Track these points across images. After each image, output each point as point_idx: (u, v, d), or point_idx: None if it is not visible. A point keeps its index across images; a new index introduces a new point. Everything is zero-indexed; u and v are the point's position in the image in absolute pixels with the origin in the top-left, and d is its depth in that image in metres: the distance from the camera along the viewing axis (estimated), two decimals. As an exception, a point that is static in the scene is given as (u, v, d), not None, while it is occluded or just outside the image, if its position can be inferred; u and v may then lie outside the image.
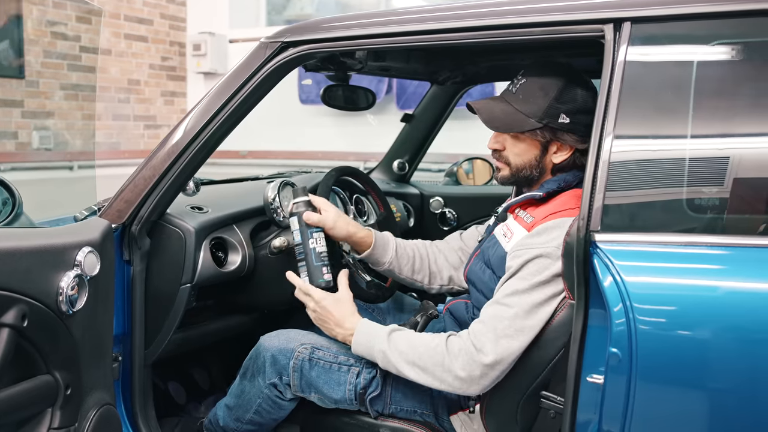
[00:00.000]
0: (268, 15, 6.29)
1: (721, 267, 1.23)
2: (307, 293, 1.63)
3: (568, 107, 1.52)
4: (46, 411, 1.27)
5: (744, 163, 1.24)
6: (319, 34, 1.56)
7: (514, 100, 1.56)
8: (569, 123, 1.52)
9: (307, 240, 1.66)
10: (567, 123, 1.52)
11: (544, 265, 1.43)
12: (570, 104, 1.52)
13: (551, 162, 1.59)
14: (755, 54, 1.28)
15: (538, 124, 1.53)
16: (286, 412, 1.70)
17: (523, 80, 1.57)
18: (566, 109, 1.52)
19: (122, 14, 5.62)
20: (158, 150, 1.62)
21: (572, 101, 1.52)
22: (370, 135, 5.17)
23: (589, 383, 1.25)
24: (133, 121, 5.79)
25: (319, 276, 1.64)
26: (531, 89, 1.55)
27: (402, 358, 1.49)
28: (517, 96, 1.56)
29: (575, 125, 1.52)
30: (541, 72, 1.57)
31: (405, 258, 1.83)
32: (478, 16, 1.43)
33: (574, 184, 1.57)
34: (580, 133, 1.53)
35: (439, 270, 1.88)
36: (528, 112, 1.53)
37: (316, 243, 1.66)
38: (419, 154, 2.76)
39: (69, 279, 1.27)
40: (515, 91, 1.57)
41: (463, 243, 1.91)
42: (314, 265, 1.65)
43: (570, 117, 1.52)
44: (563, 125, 1.52)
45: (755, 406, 1.15)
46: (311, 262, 1.65)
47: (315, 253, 1.65)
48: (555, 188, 1.56)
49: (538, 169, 1.60)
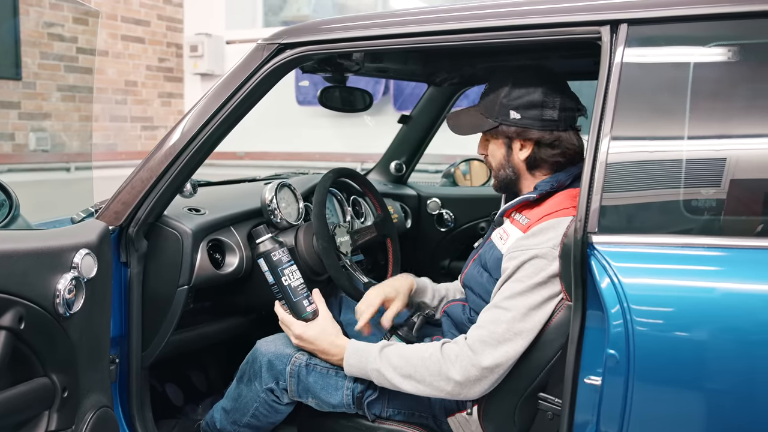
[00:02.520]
0: (265, 16, 6.29)
1: (718, 268, 1.23)
2: (288, 327, 1.63)
3: (516, 103, 1.57)
4: (43, 414, 1.27)
5: (741, 164, 1.24)
6: (316, 36, 1.56)
7: (478, 106, 1.66)
8: (521, 119, 1.57)
9: (280, 278, 1.63)
10: (519, 119, 1.57)
11: (541, 267, 1.43)
12: (518, 100, 1.57)
13: (519, 159, 1.62)
14: (752, 56, 1.28)
15: (494, 123, 1.59)
16: (283, 416, 1.70)
17: (486, 85, 1.67)
18: (515, 105, 1.57)
19: (119, 15, 5.62)
20: (155, 152, 1.62)
21: (519, 98, 1.57)
22: (368, 136, 5.17)
23: (587, 385, 1.25)
24: (130, 122, 5.79)
25: (303, 310, 1.63)
26: (488, 93, 1.64)
27: (397, 372, 1.49)
28: (481, 102, 1.65)
29: (528, 120, 1.57)
30: (497, 77, 1.65)
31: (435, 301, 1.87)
32: (475, 17, 1.44)
33: (567, 183, 1.58)
34: (537, 126, 1.57)
35: None
36: (485, 114, 1.61)
37: (290, 278, 1.63)
38: (416, 156, 2.76)
39: (66, 281, 1.26)
40: (480, 97, 1.67)
41: None
42: (294, 301, 1.62)
43: (521, 113, 1.57)
44: (516, 121, 1.57)
45: (752, 407, 1.16)
46: (291, 299, 1.63)
47: (291, 289, 1.63)
48: (548, 189, 1.57)
49: (510, 168, 1.64)
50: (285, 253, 1.65)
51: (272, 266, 1.63)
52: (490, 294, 1.56)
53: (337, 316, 1.90)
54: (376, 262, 2.29)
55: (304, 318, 1.62)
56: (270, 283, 1.64)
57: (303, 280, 1.65)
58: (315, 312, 1.63)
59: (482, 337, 1.43)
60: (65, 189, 4.68)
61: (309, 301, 1.64)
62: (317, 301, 1.66)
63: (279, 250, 1.64)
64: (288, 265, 1.64)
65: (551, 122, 1.56)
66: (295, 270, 1.65)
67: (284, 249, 1.66)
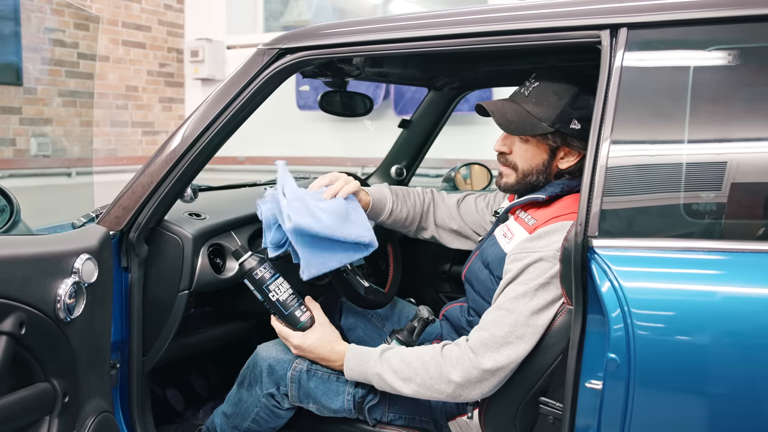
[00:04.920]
0: (266, 21, 6.30)
1: (718, 272, 1.23)
2: (286, 339, 1.62)
3: (580, 113, 1.52)
4: (44, 419, 1.27)
5: (741, 168, 1.24)
6: (317, 41, 1.56)
7: (527, 103, 1.56)
8: (580, 129, 1.52)
9: (267, 295, 1.61)
10: (578, 129, 1.52)
11: (545, 269, 1.42)
12: (583, 111, 1.52)
13: (557, 167, 1.59)
14: (751, 59, 1.28)
15: (550, 128, 1.53)
16: (283, 420, 1.70)
17: (536, 83, 1.57)
18: (579, 115, 1.52)
19: (120, 21, 5.63)
20: (156, 156, 1.62)
21: (585, 108, 1.52)
22: (368, 140, 5.17)
23: (588, 389, 1.25)
24: (131, 127, 5.79)
25: (297, 321, 1.62)
26: (544, 93, 1.54)
27: (398, 376, 1.49)
28: (530, 99, 1.56)
29: (586, 132, 1.51)
30: (555, 77, 1.57)
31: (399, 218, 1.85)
32: (475, 22, 1.44)
33: (577, 188, 1.57)
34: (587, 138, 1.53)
35: (427, 227, 1.92)
36: (540, 116, 1.53)
37: (278, 292, 1.62)
38: (417, 160, 2.76)
39: (67, 286, 1.27)
40: (528, 94, 1.57)
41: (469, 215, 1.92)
42: (287, 314, 1.61)
43: (582, 123, 1.52)
44: (574, 131, 1.53)
45: (753, 411, 1.15)
46: (283, 313, 1.61)
47: (281, 302, 1.61)
48: (558, 192, 1.56)
49: (545, 174, 1.59)
50: (268, 269, 1.63)
51: (257, 284, 1.62)
52: (489, 292, 1.55)
53: (338, 321, 1.90)
54: (377, 267, 2.29)
55: (301, 327, 1.61)
56: (260, 300, 1.63)
57: (292, 291, 1.64)
58: (311, 319, 1.63)
59: (484, 339, 1.43)
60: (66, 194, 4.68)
61: (302, 310, 1.63)
62: (312, 308, 1.65)
63: (261, 267, 1.62)
64: (273, 279, 1.62)
65: None
66: (282, 282, 1.63)
67: (266, 264, 1.63)
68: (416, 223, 1.89)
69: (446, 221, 1.91)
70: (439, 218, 1.92)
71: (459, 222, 1.91)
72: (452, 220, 1.91)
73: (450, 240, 1.93)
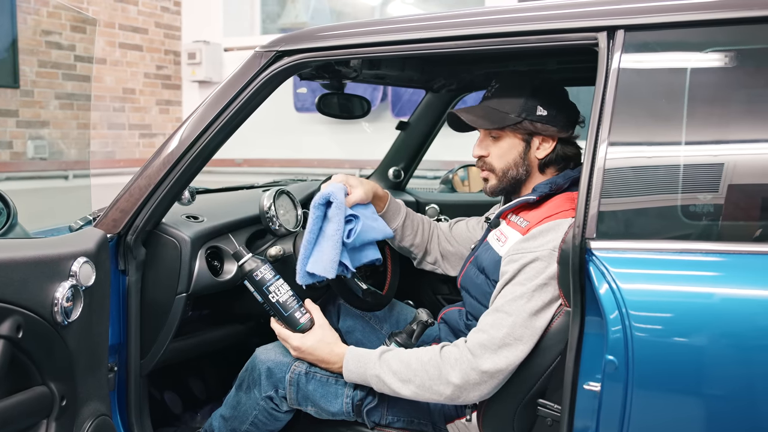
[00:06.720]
0: (263, 23, 6.30)
1: (716, 274, 1.23)
2: (285, 341, 1.63)
3: (543, 100, 1.58)
4: (42, 422, 1.27)
5: (739, 169, 1.24)
6: (314, 43, 1.56)
7: (491, 102, 1.64)
8: (547, 115, 1.58)
9: (267, 296, 1.62)
10: (545, 115, 1.58)
11: (541, 269, 1.43)
12: (544, 97, 1.59)
13: (536, 158, 1.62)
14: (748, 61, 1.29)
15: (518, 118, 1.59)
16: (282, 423, 1.70)
17: (497, 85, 1.65)
18: (541, 102, 1.58)
19: (117, 23, 5.63)
20: (153, 159, 1.62)
21: (546, 95, 1.59)
22: (366, 143, 5.18)
23: (586, 391, 1.25)
24: (128, 129, 5.79)
25: (296, 323, 1.62)
26: (505, 90, 1.63)
27: (397, 377, 1.49)
28: (493, 98, 1.64)
29: (553, 117, 1.59)
30: (512, 76, 1.66)
31: (410, 230, 1.89)
32: (472, 24, 1.44)
33: (565, 186, 1.58)
34: (560, 124, 1.59)
35: (433, 251, 1.95)
36: (506, 109, 1.60)
37: (278, 294, 1.62)
38: (414, 162, 2.76)
39: (64, 290, 1.26)
40: (491, 95, 1.65)
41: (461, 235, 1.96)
42: (286, 315, 1.62)
43: (547, 109, 1.58)
44: (542, 117, 1.58)
45: (752, 413, 1.15)
46: (282, 314, 1.62)
47: (281, 304, 1.62)
48: (547, 191, 1.57)
49: (524, 167, 1.63)
50: (268, 270, 1.64)
51: (257, 286, 1.62)
52: (487, 296, 1.56)
53: (336, 324, 1.90)
54: (375, 269, 2.28)
55: (300, 329, 1.62)
56: (260, 301, 1.64)
57: (292, 292, 1.64)
58: (310, 321, 1.63)
59: (482, 341, 1.43)
60: (63, 197, 4.68)
61: (302, 312, 1.63)
62: (311, 310, 1.65)
63: (261, 268, 1.63)
64: (273, 281, 1.63)
65: (569, 123, 1.61)
66: (282, 284, 1.64)
67: (267, 266, 1.64)
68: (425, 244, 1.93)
69: (445, 245, 1.96)
70: (443, 243, 1.96)
71: (455, 244, 1.95)
72: (449, 243, 1.95)
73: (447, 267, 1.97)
